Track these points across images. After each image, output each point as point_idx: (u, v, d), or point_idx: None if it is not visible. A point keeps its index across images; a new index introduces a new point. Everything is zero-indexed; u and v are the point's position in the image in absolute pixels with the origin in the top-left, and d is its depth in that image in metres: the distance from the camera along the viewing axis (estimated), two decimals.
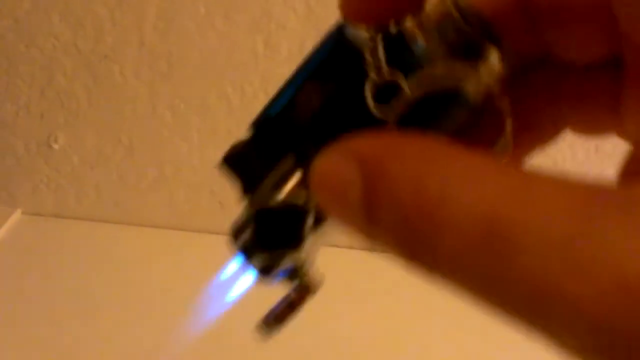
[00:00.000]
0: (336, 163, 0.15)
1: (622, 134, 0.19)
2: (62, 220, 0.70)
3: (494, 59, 0.17)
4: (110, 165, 0.67)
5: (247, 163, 0.20)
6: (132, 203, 0.68)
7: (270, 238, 0.19)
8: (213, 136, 0.63)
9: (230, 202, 0.66)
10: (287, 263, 0.20)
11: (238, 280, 0.22)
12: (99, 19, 0.60)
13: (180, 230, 0.68)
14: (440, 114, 0.17)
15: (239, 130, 0.19)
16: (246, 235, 0.20)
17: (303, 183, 0.18)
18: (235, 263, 0.21)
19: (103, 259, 0.64)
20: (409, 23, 0.17)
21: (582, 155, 0.57)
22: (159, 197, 0.68)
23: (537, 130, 0.20)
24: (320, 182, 0.16)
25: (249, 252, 0.20)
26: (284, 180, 0.19)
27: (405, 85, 0.16)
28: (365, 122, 0.17)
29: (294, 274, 0.21)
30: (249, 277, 0.21)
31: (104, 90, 0.63)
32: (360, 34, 0.17)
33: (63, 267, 0.62)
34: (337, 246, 0.60)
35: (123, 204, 0.69)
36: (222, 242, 0.20)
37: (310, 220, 0.18)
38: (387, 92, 0.17)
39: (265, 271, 0.20)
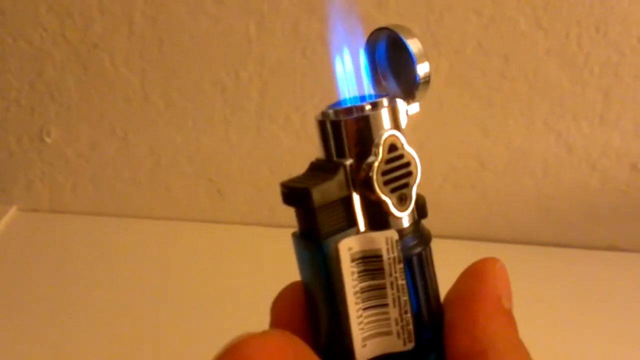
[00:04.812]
0: None
1: None
2: (59, 215, 0.69)
3: None
4: (105, 158, 0.66)
5: None
6: (129, 195, 0.67)
7: None
8: (209, 123, 0.62)
9: (228, 190, 0.65)
10: None
11: None
12: (87, 7, 0.59)
13: (179, 220, 0.67)
14: None
15: (235, 117, 0.18)
16: None
17: None
18: None
19: (101, 252, 0.63)
20: None
21: (586, 126, 0.56)
22: (156, 187, 0.67)
23: None
24: None
25: None
26: None
27: None
28: None
29: None
30: None
31: (95, 80, 0.62)
32: None
33: (61, 263, 0.61)
34: None
35: (120, 196, 0.68)
36: (221, 230, 0.19)
37: None
38: None
39: None
